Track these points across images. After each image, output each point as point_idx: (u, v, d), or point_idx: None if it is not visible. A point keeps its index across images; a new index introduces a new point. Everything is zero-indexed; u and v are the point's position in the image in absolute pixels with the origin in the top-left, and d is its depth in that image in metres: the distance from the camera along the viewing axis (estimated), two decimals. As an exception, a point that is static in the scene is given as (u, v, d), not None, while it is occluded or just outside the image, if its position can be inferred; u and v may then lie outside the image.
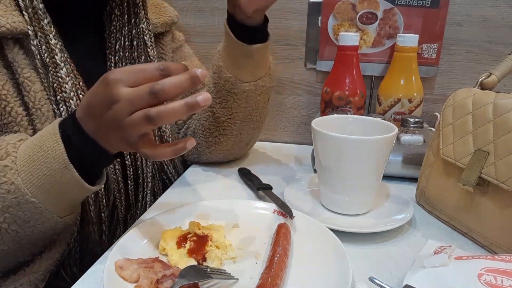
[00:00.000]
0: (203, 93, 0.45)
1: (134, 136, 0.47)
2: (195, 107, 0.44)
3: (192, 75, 0.45)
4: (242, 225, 0.60)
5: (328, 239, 0.54)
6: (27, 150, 0.50)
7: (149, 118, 0.44)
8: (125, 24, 0.70)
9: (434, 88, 0.96)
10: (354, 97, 0.86)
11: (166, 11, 0.83)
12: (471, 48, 0.91)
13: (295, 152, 0.98)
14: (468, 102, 0.60)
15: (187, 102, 0.44)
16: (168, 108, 0.44)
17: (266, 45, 0.71)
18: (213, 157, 0.85)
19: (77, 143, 0.49)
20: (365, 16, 0.92)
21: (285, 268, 0.49)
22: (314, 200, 0.69)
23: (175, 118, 0.45)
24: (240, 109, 0.76)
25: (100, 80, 0.47)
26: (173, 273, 0.48)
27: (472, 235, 0.60)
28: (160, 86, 0.44)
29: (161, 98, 0.44)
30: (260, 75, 0.74)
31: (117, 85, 0.45)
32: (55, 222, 0.52)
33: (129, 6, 0.70)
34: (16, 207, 0.49)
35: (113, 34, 0.69)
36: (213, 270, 0.49)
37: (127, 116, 0.45)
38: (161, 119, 0.44)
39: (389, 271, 0.52)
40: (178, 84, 0.44)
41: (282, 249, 0.51)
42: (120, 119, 0.45)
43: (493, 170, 0.54)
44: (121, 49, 0.70)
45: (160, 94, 0.44)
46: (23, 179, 0.48)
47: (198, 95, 0.44)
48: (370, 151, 0.60)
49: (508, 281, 0.42)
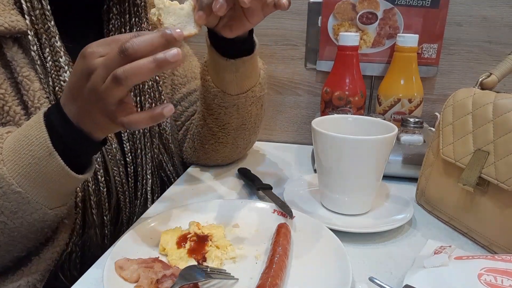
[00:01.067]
0: (173, 49, 0.43)
1: (111, 104, 0.45)
2: (164, 63, 0.42)
3: (165, 33, 0.43)
4: (242, 225, 0.60)
5: (328, 239, 0.54)
6: (13, 140, 0.49)
7: (116, 78, 0.43)
8: (125, 23, 0.69)
9: (434, 88, 0.96)
10: (354, 97, 0.86)
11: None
12: (471, 48, 0.91)
13: (295, 152, 0.98)
14: (468, 102, 0.60)
15: (155, 58, 0.42)
16: (134, 65, 0.42)
17: (252, 56, 0.68)
18: (211, 162, 0.84)
19: (61, 130, 0.48)
20: (365, 16, 0.92)
21: (285, 268, 0.49)
22: (314, 200, 0.69)
23: (144, 76, 0.43)
24: (232, 120, 0.75)
25: (78, 57, 0.46)
26: (173, 273, 0.48)
27: (472, 235, 0.60)
28: (129, 44, 0.42)
29: (131, 57, 0.43)
30: (249, 86, 0.72)
31: (93, 56, 0.44)
32: (44, 214, 0.51)
33: (130, 6, 0.70)
34: (3, 197, 0.48)
35: (112, 33, 0.69)
36: (213, 270, 0.49)
37: (102, 82, 0.44)
38: (127, 78, 0.42)
39: (389, 271, 0.52)
40: (148, 40, 0.43)
41: (282, 249, 0.51)
42: (97, 87, 0.44)
43: (493, 170, 0.54)
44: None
45: (130, 51, 0.42)
46: (8, 169, 0.48)
47: (168, 51, 0.42)
48: (370, 151, 0.60)
49: (508, 281, 0.42)
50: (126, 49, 0.42)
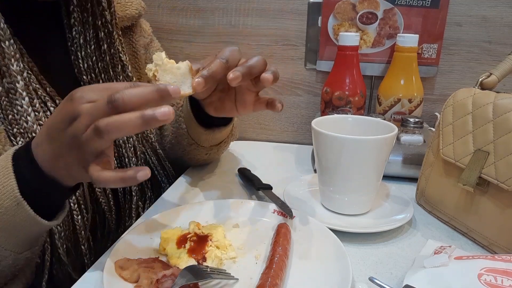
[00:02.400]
0: (164, 107, 0.39)
1: (89, 154, 0.42)
2: (151, 121, 0.39)
3: (160, 88, 0.40)
4: (242, 225, 0.60)
5: (328, 239, 0.54)
6: None
7: (98, 130, 0.39)
8: (87, 17, 0.64)
9: (434, 88, 0.96)
10: (354, 97, 0.86)
11: (133, 2, 0.78)
12: (471, 48, 0.91)
13: (295, 152, 0.98)
14: (468, 102, 0.60)
15: (143, 114, 0.39)
16: (119, 118, 0.39)
17: (230, 124, 0.70)
18: (193, 163, 0.84)
19: (30, 177, 0.44)
20: (365, 16, 0.92)
21: (285, 268, 0.49)
22: (314, 200, 0.69)
23: (128, 131, 0.40)
24: (204, 153, 0.77)
25: (66, 98, 0.42)
26: (173, 273, 0.48)
27: (472, 235, 0.60)
28: (119, 95, 0.39)
29: (119, 108, 0.39)
30: (223, 139, 0.76)
31: (81, 100, 0.41)
32: (14, 259, 0.48)
33: (93, 6, 0.64)
34: None
35: (75, 28, 0.63)
36: (213, 270, 0.49)
37: (84, 131, 0.40)
38: (109, 132, 0.39)
39: (389, 271, 0.52)
40: (140, 94, 0.40)
41: (282, 249, 0.51)
42: (78, 135, 0.41)
43: (493, 170, 0.54)
44: (86, 44, 0.64)
45: (118, 103, 0.39)
46: None
47: (158, 108, 0.39)
48: (370, 151, 0.60)
49: (508, 281, 0.42)
50: (115, 100, 0.39)
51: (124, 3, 0.76)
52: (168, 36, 1.03)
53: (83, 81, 0.65)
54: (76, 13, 0.63)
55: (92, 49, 0.65)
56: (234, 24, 1.00)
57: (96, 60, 0.66)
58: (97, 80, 0.67)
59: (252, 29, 0.99)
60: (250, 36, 1.00)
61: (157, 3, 1.01)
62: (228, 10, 0.99)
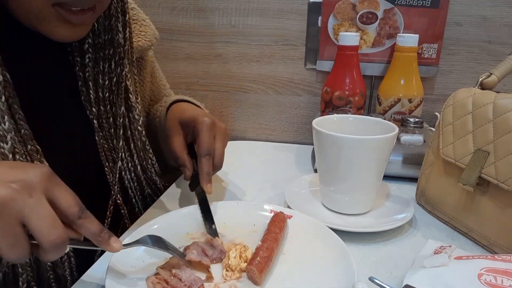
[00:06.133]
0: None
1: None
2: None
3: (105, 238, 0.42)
4: (239, 226, 0.60)
5: (328, 239, 0.54)
6: None
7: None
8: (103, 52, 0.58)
9: (434, 88, 0.96)
10: (354, 97, 0.86)
11: (147, 32, 0.70)
12: (471, 48, 0.91)
13: (295, 152, 0.98)
14: (468, 102, 0.60)
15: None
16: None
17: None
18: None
19: None
20: (365, 16, 0.92)
21: (276, 249, 0.52)
22: (314, 200, 0.69)
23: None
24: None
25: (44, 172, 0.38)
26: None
27: (472, 235, 0.60)
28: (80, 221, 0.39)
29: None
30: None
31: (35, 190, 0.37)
32: None
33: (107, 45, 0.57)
34: None
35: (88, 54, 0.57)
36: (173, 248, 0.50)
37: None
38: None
39: (389, 271, 0.52)
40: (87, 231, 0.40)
41: (273, 235, 0.53)
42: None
43: (493, 170, 0.54)
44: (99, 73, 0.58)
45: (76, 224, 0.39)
46: None
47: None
48: (371, 151, 0.60)
49: (508, 281, 0.42)
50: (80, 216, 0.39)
51: (138, 32, 0.67)
52: (168, 36, 1.02)
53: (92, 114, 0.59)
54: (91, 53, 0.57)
55: (105, 79, 0.58)
56: (234, 24, 1.00)
57: (107, 92, 0.60)
58: (105, 112, 0.60)
59: (252, 29, 0.99)
60: (250, 36, 1.00)
61: (157, 3, 1.01)
62: (228, 10, 0.99)
